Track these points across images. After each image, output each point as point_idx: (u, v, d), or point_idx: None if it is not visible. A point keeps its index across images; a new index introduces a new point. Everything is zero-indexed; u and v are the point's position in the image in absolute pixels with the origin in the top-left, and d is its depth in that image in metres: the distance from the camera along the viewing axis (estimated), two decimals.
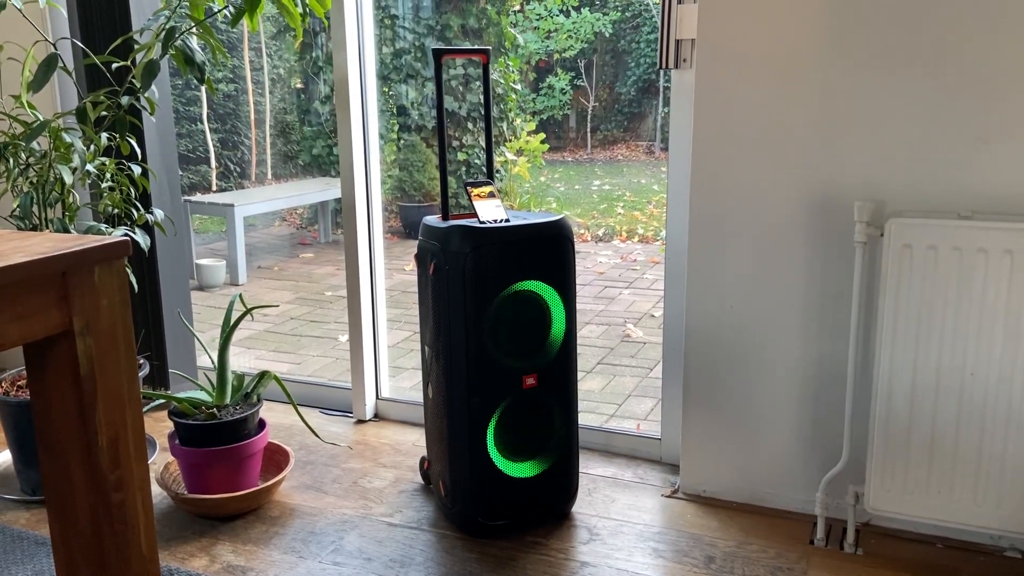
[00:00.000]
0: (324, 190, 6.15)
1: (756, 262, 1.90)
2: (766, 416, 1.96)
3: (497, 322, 1.82)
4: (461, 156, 6.50)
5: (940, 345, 1.66)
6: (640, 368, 3.44)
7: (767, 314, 1.91)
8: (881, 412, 1.73)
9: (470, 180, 1.93)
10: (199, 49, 2.04)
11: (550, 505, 1.96)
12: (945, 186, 1.72)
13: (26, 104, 1.98)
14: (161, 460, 2.30)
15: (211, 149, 7.07)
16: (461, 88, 6.52)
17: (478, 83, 6.46)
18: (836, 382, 1.89)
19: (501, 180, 6.75)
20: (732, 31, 1.81)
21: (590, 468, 2.21)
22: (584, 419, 2.42)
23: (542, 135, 7.09)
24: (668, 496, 2.08)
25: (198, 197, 5.94)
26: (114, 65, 2.11)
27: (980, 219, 1.62)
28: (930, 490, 1.72)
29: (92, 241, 1.01)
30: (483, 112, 2.02)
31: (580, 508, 2.02)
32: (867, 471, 1.76)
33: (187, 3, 1.99)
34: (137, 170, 2.12)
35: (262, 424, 2.10)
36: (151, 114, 2.13)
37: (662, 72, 9.06)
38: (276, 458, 2.18)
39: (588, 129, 10.75)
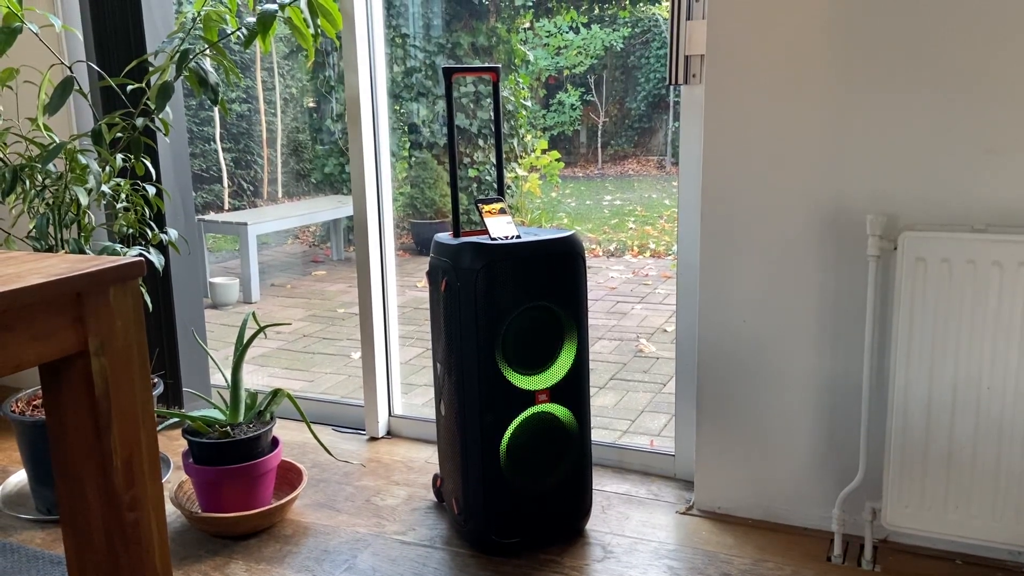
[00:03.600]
0: (336, 208, 6.18)
1: (768, 276, 1.90)
2: (781, 431, 1.95)
3: (509, 338, 1.82)
4: (472, 173, 6.53)
5: (956, 359, 1.65)
6: (653, 383, 3.43)
7: (780, 328, 1.90)
8: (897, 427, 1.71)
9: (481, 197, 1.94)
10: (212, 70, 2.06)
11: (564, 522, 1.95)
12: (958, 199, 1.71)
13: (42, 126, 2.01)
14: (175, 479, 2.31)
15: (224, 168, 7.12)
16: (472, 105, 6.55)
17: (489, 100, 6.49)
18: (851, 397, 1.87)
19: (512, 196, 6.77)
20: (741, 46, 1.82)
21: (604, 485, 2.20)
22: (597, 435, 2.41)
23: (556, 153, 7.11)
24: (683, 513, 2.06)
25: (212, 216, 5.99)
26: (129, 87, 2.13)
27: (994, 232, 1.61)
28: (948, 506, 1.70)
29: (107, 262, 1.02)
30: (494, 129, 2.02)
31: (594, 525, 2.01)
32: (884, 487, 1.75)
33: (201, 25, 2.02)
34: (151, 190, 2.14)
35: (275, 442, 2.10)
36: (165, 135, 2.15)
37: (672, 87, 9.07)
38: (289, 476, 2.18)
39: (599, 144, 10.77)
